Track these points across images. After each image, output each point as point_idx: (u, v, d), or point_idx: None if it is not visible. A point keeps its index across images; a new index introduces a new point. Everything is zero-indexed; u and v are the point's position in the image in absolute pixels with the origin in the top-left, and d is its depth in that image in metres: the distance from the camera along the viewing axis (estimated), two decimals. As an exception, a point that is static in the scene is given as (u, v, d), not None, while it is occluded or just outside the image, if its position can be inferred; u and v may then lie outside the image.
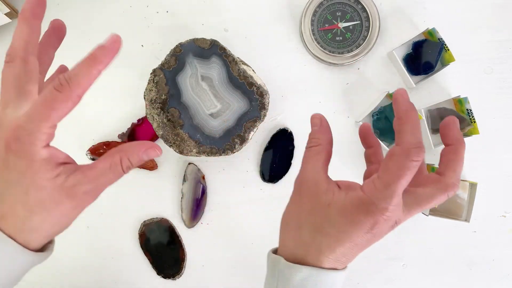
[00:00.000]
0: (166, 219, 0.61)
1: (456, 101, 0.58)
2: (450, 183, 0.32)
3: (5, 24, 0.59)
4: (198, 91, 0.54)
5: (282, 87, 0.60)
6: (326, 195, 0.32)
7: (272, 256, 0.35)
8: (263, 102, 0.54)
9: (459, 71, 0.59)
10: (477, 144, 0.59)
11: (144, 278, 0.62)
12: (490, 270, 0.60)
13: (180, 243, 0.61)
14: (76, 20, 0.61)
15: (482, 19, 0.59)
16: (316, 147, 0.35)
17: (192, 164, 0.60)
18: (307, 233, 0.33)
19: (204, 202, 0.61)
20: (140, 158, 0.33)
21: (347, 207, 0.31)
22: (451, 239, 0.60)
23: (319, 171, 0.34)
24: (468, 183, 0.58)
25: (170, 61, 0.54)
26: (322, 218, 0.32)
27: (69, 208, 0.31)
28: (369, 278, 0.61)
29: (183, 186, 0.60)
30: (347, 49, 0.57)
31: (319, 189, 0.33)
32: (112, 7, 0.61)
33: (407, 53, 0.58)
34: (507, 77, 0.59)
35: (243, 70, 0.54)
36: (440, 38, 0.56)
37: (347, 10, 0.57)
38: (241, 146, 0.55)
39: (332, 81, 0.60)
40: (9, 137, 0.29)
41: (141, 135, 0.60)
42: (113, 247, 0.62)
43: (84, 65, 0.29)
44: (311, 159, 0.35)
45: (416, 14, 0.59)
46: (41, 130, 0.29)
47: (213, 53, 0.54)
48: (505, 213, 0.60)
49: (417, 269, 0.61)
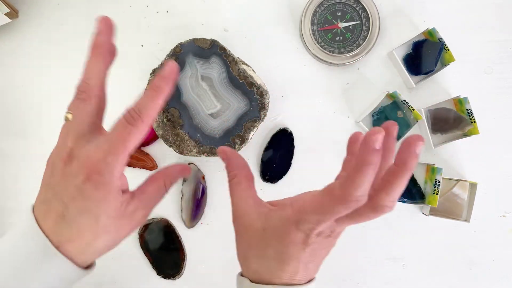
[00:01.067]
0: (166, 219, 0.61)
1: (456, 101, 0.58)
2: (380, 204, 0.29)
3: (5, 24, 0.59)
4: (198, 91, 0.54)
5: (282, 87, 0.60)
6: (260, 220, 0.34)
7: (239, 279, 0.37)
8: (263, 102, 0.54)
9: (459, 71, 0.59)
10: (477, 144, 0.59)
11: (144, 278, 0.62)
12: (490, 270, 0.60)
13: (180, 243, 0.61)
14: (76, 20, 0.61)
15: (482, 19, 0.59)
16: (234, 178, 0.36)
17: (192, 164, 0.60)
18: (255, 262, 0.34)
19: (204, 202, 0.61)
20: (177, 179, 0.38)
21: (278, 227, 0.32)
22: (451, 239, 0.60)
23: (247, 200, 0.35)
24: (468, 183, 0.58)
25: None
26: (262, 244, 0.33)
27: (127, 231, 0.34)
28: (369, 278, 0.61)
29: (183, 186, 0.60)
30: (347, 49, 0.57)
31: (250, 218, 0.34)
32: (112, 7, 0.61)
33: (407, 53, 0.58)
34: (507, 77, 0.59)
35: (243, 70, 0.54)
36: (440, 38, 0.56)
37: (347, 10, 0.57)
38: (241, 146, 0.55)
39: (332, 81, 0.60)
40: (91, 171, 0.30)
41: None
42: (113, 247, 0.62)
43: (150, 96, 0.31)
44: (235, 192, 0.36)
45: (416, 14, 0.59)
46: (120, 163, 0.31)
47: (213, 53, 0.54)
48: (505, 213, 0.60)
49: (417, 269, 0.61)
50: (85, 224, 0.31)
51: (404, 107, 0.56)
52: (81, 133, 0.32)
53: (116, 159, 0.31)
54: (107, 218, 0.32)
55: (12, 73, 0.62)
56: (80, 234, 0.32)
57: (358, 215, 0.31)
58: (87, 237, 0.32)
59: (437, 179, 0.55)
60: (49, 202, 0.32)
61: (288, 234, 0.32)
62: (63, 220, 0.31)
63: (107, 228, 0.32)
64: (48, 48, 0.61)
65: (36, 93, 0.61)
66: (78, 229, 0.31)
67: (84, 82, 0.33)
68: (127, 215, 0.33)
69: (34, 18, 0.61)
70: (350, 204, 0.28)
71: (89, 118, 0.33)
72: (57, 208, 0.31)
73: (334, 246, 0.36)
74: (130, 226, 0.34)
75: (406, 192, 0.57)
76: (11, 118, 0.62)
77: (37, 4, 0.61)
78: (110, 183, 0.31)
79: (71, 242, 0.32)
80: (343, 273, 0.61)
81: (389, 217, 0.60)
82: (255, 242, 0.34)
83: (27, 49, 0.61)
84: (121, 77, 0.61)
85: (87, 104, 0.33)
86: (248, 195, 0.36)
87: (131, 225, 0.34)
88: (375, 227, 0.60)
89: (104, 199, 0.31)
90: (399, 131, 0.56)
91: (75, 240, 0.32)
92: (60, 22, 0.61)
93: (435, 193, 0.55)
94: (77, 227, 0.31)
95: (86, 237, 0.32)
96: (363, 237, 0.61)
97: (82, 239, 0.32)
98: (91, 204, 0.31)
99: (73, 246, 0.32)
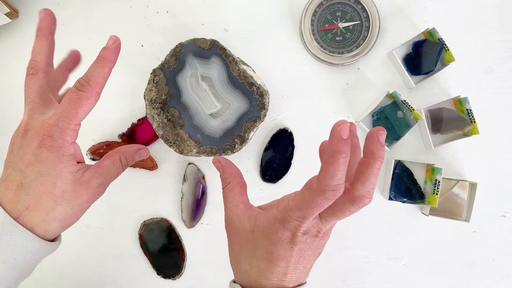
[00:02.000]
0: (166, 219, 0.61)
1: (456, 101, 0.58)
2: (358, 195, 0.31)
3: (5, 24, 0.59)
4: (198, 91, 0.54)
5: (282, 87, 0.60)
6: (249, 223, 0.35)
7: (231, 285, 0.38)
8: (263, 102, 0.54)
9: (459, 71, 0.59)
10: (477, 144, 0.59)
11: (144, 278, 0.62)
12: (490, 270, 0.60)
13: (180, 243, 0.61)
14: (76, 20, 0.61)
15: (482, 19, 0.59)
16: (228, 185, 0.38)
17: (192, 164, 0.60)
18: (246, 264, 0.35)
19: (204, 202, 0.61)
20: (134, 158, 0.41)
21: (266, 228, 0.33)
22: (451, 239, 0.60)
23: (238, 205, 0.36)
24: (468, 183, 0.58)
25: (170, 61, 0.54)
26: (251, 245, 0.34)
27: (85, 200, 0.36)
28: (369, 278, 0.61)
29: (183, 186, 0.60)
30: (347, 49, 0.57)
31: (241, 221, 0.36)
32: (112, 7, 0.61)
33: (407, 53, 0.58)
34: (507, 77, 0.59)
35: (243, 70, 0.54)
36: (440, 38, 0.56)
37: (347, 10, 0.57)
38: (241, 146, 0.55)
39: (332, 81, 0.60)
40: (44, 135, 0.33)
41: (141, 135, 0.60)
42: (113, 247, 0.62)
43: (97, 65, 0.35)
44: (228, 197, 0.37)
45: (416, 14, 0.59)
46: (71, 127, 0.34)
47: (213, 53, 0.54)
48: (505, 213, 0.60)
49: (417, 269, 0.61)
50: (43, 187, 0.33)
51: (404, 107, 0.56)
52: (34, 107, 0.35)
53: (67, 123, 0.33)
54: (63, 182, 0.34)
55: (12, 73, 0.62)
56: (38, 199, 0.33)
57: (339, 209, 0.32)
58: (45, 203, 0.34)
59: (437, 179, 0.55)
60: (8, 176, 0.34)
61: (276, 233, 0.33)
62: (21, 187, 0.33)
63: (65, 194, 0.34)
64: (48, 48, 0.61)
65: (36, 93, 0.61)
66: (36, 194, 0.33)
67: (31, 61, 0.37)
68: (83, 181, 0.35)
69: (34, 18, 0.61)
70: (327, 194, 0.29)
71: (40, 90, 0.36)
72: (16, 178, 0.34)
73: (322, 249, 0.36)
74: (87, 194, 0.36)
75: (406, 192, 0.58)
76: (11, 118, 0.62)
77: (37, 4, 0.61)
78: (63, 146, 0.34)
79: (30, 209, 0.33)
80: (343, 273, 0.61)
81: (389, 217, 0.60)
82: (245, 244, 0.35)
83: (27, 49, 0.61)
84: (121, 76, 0.61)
85: (36, 78, 0.36)
86: (240, 201, 0.37)
87: (88, 193, 0.36)
88: (375, 227, 0.60)
89: (59, 161, 0.34)
90: (399, 131, 0.56)
91: (34, 207, 0.33)
92: (60, 22, 0.61)
93: (435, 193, 0.55)
94: (34, 192, 0.33)
95: (44, 202, 0.34)
96: (363, 237, 0.61)
97: (40, 205, 0.33)
98: (46, 168, 0.33)
99: (33, 214, 0.33)
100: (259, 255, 0.34)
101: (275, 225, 0.33)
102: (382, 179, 0.60)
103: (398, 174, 0.57)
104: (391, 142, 0.58)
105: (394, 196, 0.57)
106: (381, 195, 0.60)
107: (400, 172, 0.58)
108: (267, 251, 0.33)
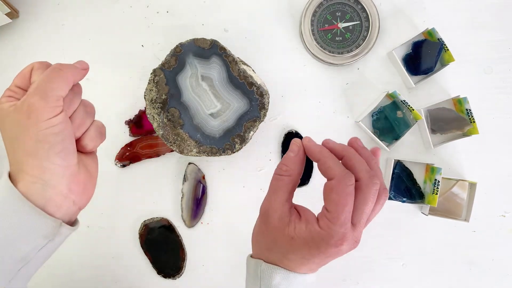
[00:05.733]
0: (166, 218, 0.61)
1: (455, 101, 0.58)
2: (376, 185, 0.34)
3: (5, 24, 0.59)
4: (198, 91, 0.55)
5: (282, 87, 0.60)
6: (289, 228, 0.35)
7: (253, 261, 0.38)
8: (263, 102, 0.54)
9: (459, 71, 0.59)
10: (477, 144, 0.59)
11: (144, 278, 0.62)
12: (490, 270, 0.60)
13: (180, 243, 0.61)
14: (76, 20, 0.61)
15: (482, 19, 0.59)
16: (287, 177, 0.36)
17: (192, 164, 0.60)
18: (276, 257, 0.37)
19: (204, 202, 0.61)
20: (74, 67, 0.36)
21: (308, 240, 0.34)
22: (451, 239, 0.60)
23: (285, 204, 0.36)
24: (468, 182, 0.58)
25: (170, 61, 0.54)
26: (287, 248, 0.35)
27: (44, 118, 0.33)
28: (369, 278, 0.61)
29: (183, 186, 0.60)
30: (346, 49, 0.58)
31: (283, 223, 0.35)
32: (112, 7, 0.61)
33: (407, 53, 0.58)
34: (507, 77, 0.59)
35: (243, 70, 0.54)
36: (439, 38, 0.56)
37: (347, 10, 0.58)
38: (241, 146, 0.55)
39: (332, 81, 0.60)
40: None
41: (148, 122, 0.59)
42: (113, 246, 0.62)
43: None
44: (280, 190, 0.36)
45: (416, 14, 0.59)
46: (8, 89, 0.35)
47: (213, 53, 0.54)
48: (505, 213, 0.60)
49: (417, 269, 0.61)
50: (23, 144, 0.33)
51: (404, 107, 0.57)
52: None
53: None
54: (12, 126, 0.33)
55: (12, 73, 0.62)
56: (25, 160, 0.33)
57: None
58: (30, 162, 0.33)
59: (437, 178, 0.55)
60: None
61: (319, 247, 0.34)
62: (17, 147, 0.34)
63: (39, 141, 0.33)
64: (48, 48, 0.61)
65: (36, 93, 0.61)
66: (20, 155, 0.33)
67: None
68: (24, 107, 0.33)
69: (34, 18, 0.61)
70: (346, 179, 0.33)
71: None
72: None
73: None
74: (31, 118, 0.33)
75: (405, 191, 0.58)
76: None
77: (37, 4, 0.61)
78: None
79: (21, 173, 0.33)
80: (343, 273, 0.61)
81: (388, 217, 0.60)
82: (281, 243, 0.36)
83: (27, 49, 0.61)
84: (122, 76, 0.61)
85: None
86: (288, 200, 0.36)
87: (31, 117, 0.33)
88: (375, 227, 0.60)
89: None
90: (398, 131, 0.56)
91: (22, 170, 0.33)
92: (60, 22, 0.61)
93: (434, 193, 0.55)
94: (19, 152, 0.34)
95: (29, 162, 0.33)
96: (363, 237, 0.60)
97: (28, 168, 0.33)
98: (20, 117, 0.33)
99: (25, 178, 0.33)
100: (293, 258, 0.35)
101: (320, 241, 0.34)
102: (382, 179, 0.60)
103: (398, 174, 0.58)
104: (390, 142, 0.58)
105: (394, 196, 0.57)
106: (381, 195, 0.60)
107: (400, 172, 0.58)
108: (304, 257, 0.35)
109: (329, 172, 0.34)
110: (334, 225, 0.33)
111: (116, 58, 0.61)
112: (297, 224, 0.35)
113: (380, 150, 0.39)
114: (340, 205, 0.33)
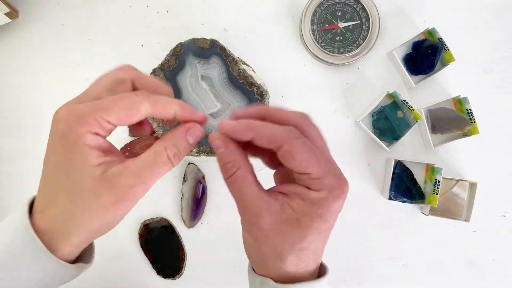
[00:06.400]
0: (166, 219, 0.61)
1: (456, 101, 0.58)
2: None
3: (5, 24, 0.59)
4: (198, 91, 0.54)
5: (282, 87, 0.60)
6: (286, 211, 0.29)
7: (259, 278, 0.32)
8: (263, 102, 0.54)
9: (459, 71, 0.59)
10: (477, 144, 0.59)
11: (144, 278, 0.62)
12: (490, 270, 0.60)
13: (180, 243, 0.61)
14: (76, 20, 0.61)
15: (482, 19, 0.59)
16: (238, 171, 0.30)
17: (192, 164, 0.60)
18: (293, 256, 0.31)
19: (204, 202, 0.61)
20: (186, 141, 0.31)
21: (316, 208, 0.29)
22: (451, 239, 0.60)
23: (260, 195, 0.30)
24: (468, 182, 0.58)
25: (170, 61, 0.54)
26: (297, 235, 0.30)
27: (109, 202, 0.28)
28: (369, 278, 0.61)
29: (183, 186, 0.60)
30: (347, 49, 0.57)
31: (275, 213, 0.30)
32: (112, 7, 0.61)
33: (407, 53, 0.58)
34: (507, 77, 0.59)
35: (243, 70, 0.54)
36: (440, 38, 0.56)
37: (347, 10, 0.57)
38: (241, 146, 0.55)
39: (332, 81, 0.60)
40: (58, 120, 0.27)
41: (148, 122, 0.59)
42: (113, 247, 0.62)
43: None
44: (244, 189, 0.30)
45: (416, 14, 0.59)
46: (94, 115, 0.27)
47: (213, 53, 0.54)
48: (505, 213, 0.60)
49: (417, 269, 0.61)
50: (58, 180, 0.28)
51: (404, 107, 0.56)
52: None
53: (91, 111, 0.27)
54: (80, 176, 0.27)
55: (12, 73, 0.62)
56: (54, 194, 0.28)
57: None
58: (61, 200, 0.28)
59: (437, 178, 0.55)
60: None
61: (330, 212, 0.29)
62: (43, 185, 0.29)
63: (82, 192, 0.27)
64: (48, 48, 0.61)
65: (35, 93, 0.61)
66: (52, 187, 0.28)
67: None
68: (106, 179, 0.28)
69: (34, 18, 0.61)
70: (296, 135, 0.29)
71: None
72: None
73: None
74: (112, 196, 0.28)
75: (406, 191, 0.57)
76: (11, 118, 0.62)
77: (37, 4, 0.61)
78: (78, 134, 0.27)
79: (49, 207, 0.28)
80: (343, 273, 0.61)
81: (389, 217, 0.60)
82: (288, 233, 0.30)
83: (27, 49, 0.61)
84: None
85: None
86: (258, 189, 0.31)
87: (113, 194, 0.28)
88: (375, 227, 0.60)
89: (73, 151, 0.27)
90: (398, 131, 0.56)
91: (51, 204, 0.28)
92: (60, 22, 0.61)
93: (435, 193, 0.55)
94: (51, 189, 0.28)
95: (60, 199, 0.28)
96: (363, 237, 0.61)
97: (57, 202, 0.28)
98: (60, 157, 0.27)
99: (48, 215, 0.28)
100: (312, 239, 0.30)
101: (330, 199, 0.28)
102: (382, 179, 0.60)
103: (398, 174, 0.57)
104: (391, 142, 0.58)
105: (394, 196, 0.57)
106: (381, 195, 0.60)
107: (400, 172, 0.58)
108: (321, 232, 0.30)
109: (273, 139, 0.28)
110: (324, 176, 0.28)
111: (116, 58, 0.61)
112: (290, 202, 0.29)
113: None
114: (311, 157, 0.28)
